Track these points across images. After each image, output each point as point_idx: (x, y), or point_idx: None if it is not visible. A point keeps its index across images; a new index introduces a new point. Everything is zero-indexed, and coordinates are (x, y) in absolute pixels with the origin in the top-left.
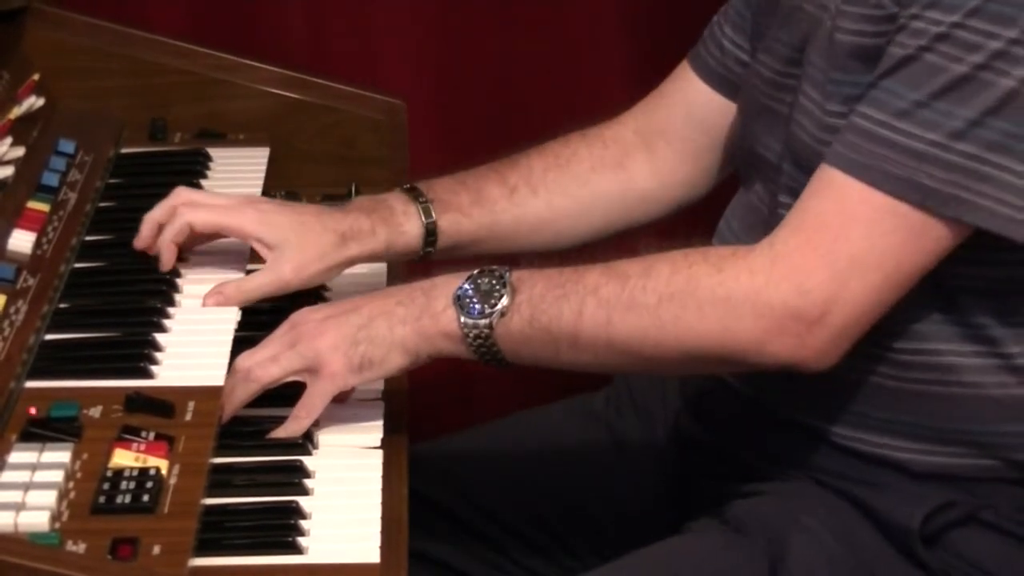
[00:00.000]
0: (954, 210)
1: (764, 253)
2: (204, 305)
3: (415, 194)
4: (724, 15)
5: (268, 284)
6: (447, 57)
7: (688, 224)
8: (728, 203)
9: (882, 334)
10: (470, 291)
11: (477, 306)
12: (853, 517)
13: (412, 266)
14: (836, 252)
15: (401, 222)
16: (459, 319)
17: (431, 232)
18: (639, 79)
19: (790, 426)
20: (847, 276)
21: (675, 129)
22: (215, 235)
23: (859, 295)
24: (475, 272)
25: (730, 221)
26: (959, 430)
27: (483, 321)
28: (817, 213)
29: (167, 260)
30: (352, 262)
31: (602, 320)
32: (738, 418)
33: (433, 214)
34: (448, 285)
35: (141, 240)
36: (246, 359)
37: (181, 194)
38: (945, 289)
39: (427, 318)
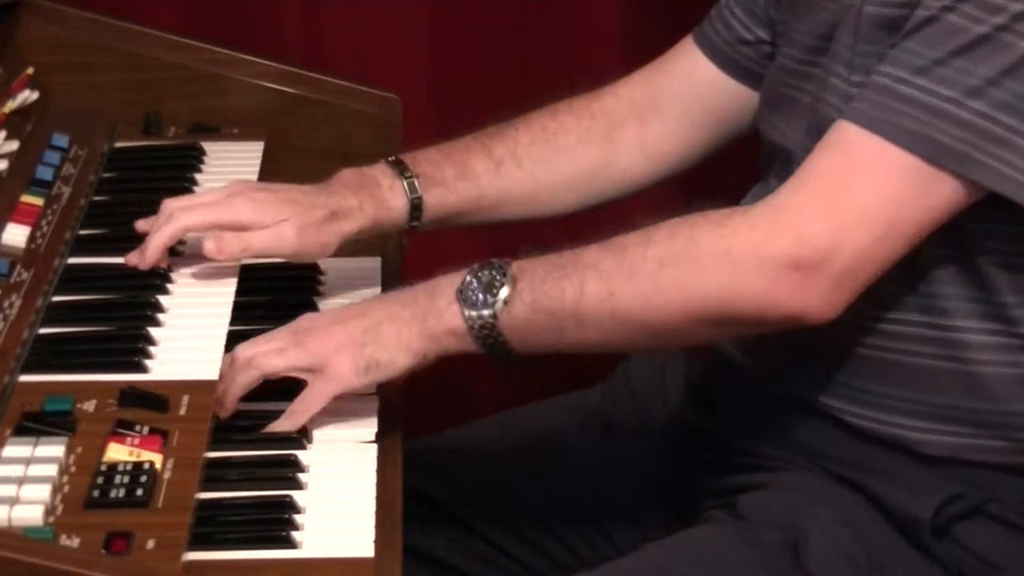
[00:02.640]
0: (963, 167)
1: (766, 206)
2: (206, 251)
3: (400, 168)
4: None
5: (271, 240)
6: (442, 51)
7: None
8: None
9: (902, 308)
10: (472, 284)
11: (480, 296)
12: (862, 508)
13: (407, 268)
14: (839, 202)
15: (387, 197)
16: (463, 313)
17: (416, 207)
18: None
19: (798, 405)
20: (848, 225)
21: (673, 103)
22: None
23: (860, 244)
24: (475, 266)
25: None
26: (969, 408)
27: (487, 311)
28: (826, 166)
29: (159, 262)
30: (345, 238)
31: (604, 293)
32: (743, 401)
33: (419, 189)
34: (450, 283)
35: (147, 263)
36: (248, 348)
37: (170, 204)
38: (971, 264)
39: (432, 317)
